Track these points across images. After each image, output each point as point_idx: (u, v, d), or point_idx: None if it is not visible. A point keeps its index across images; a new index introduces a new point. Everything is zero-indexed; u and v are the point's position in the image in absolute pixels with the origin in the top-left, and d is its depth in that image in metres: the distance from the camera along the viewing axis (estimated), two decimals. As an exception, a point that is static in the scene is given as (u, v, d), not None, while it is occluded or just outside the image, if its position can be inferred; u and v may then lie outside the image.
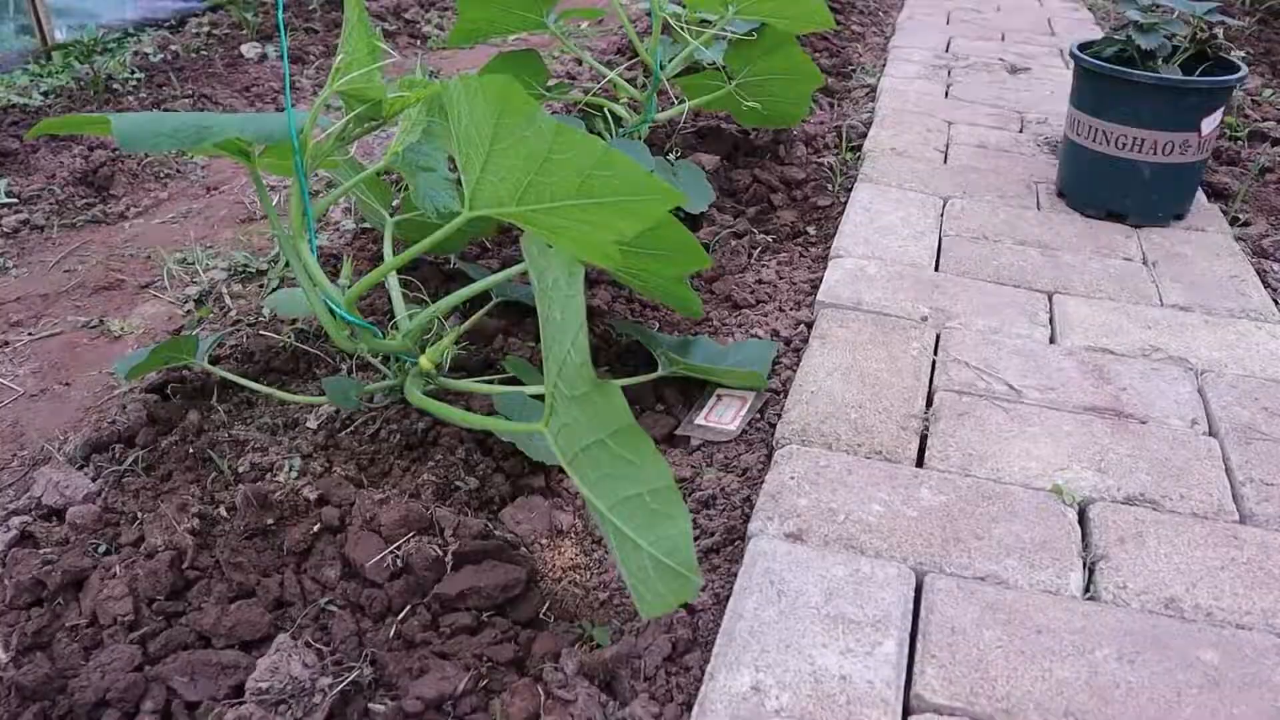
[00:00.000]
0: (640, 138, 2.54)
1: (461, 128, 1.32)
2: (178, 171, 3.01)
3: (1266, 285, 2.16)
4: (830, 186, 2.55)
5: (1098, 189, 2.34)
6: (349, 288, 1.51)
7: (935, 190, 2.48)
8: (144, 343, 2.16)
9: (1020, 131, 2.95)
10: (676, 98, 2.99)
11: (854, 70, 3.68)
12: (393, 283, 1.67)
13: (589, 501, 1.15)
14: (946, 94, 3.25)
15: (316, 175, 2.76)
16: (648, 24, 3.17)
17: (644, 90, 2.45)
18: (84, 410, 1.96)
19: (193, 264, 2.47)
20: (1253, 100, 3.42)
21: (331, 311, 1.52)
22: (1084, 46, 2.40)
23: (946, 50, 3.80)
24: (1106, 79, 2.22)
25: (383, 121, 1.44)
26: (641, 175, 1.24)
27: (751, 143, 2.83)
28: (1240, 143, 3.04)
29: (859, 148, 2.82)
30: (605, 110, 2.51)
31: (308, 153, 1.40)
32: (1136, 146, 2.24)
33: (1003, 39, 4.09)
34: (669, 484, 1.02)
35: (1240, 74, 2.21)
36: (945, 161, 2.66)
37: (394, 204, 2.16)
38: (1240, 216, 2.50)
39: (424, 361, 1.53)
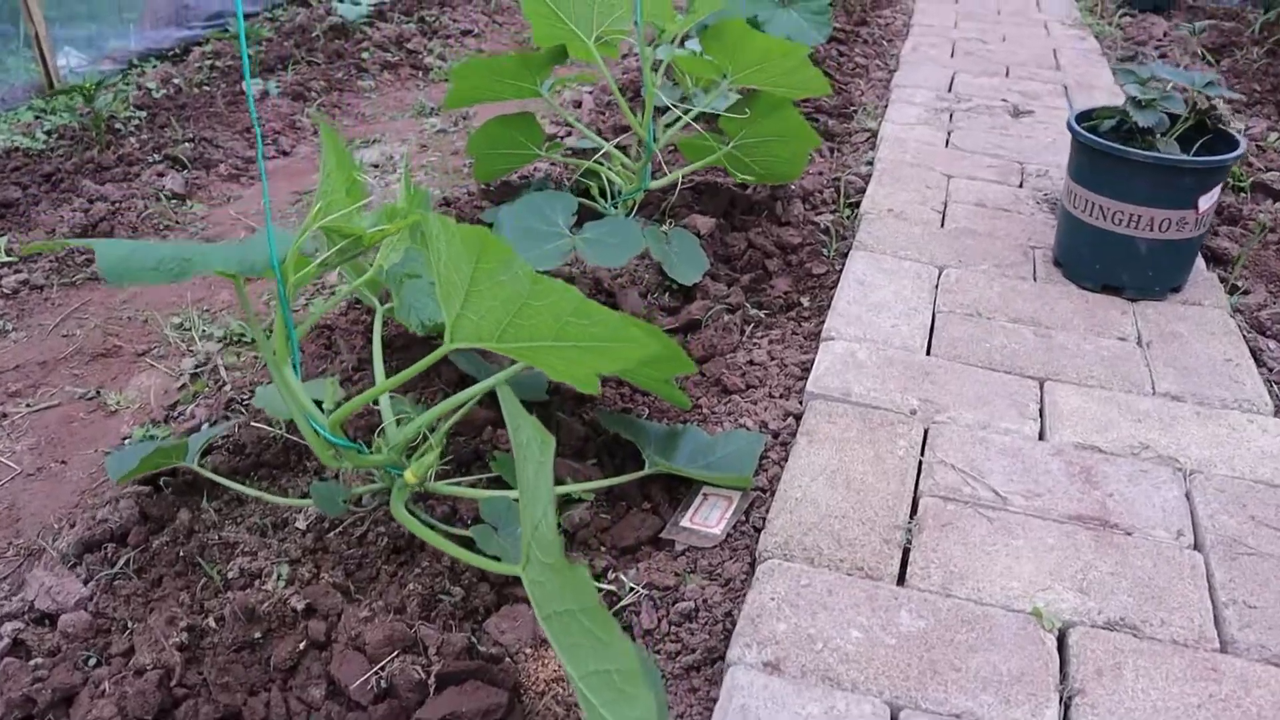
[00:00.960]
0: (635, 204, 2.54)
1: (441, 262, 1.32)
2: (177, 224, 3.02)
3: (1261, 365, 2.15)
4: (826, 252, 2.55)
5: (1094, 262, 2.33)
6: (335, 409, 1.51)
7: (931, 258, 2.47)
8: (139, 419, 2.18)
9: (1020, 186, 2.93)
10: (671, 159, 2.98)
11: (855, 111, 3.66)
12: (381, 397, 1.67)
13: (561, 660, 1.16)
14: (947, 142, 3.23)
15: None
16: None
17: (638, 160, 2.45)
18: (79, 494, 1.98)
19: (189, 329, 2.49)
20: (1258, 146, 3.39)
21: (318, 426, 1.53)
22: (1082, 117, 2.38)
23: (949, 89, 3.78)
24: (1103, 155, 2.21)
25: (365, 249, 1.45)
26: (618, 323, 1.25)
27: (749, 199, 2.83)
28: (1243, 195, 3.01)
29: (857, 204, 2.81)
30: (603, 175, 2.51)
31: (290, 281, 1.41)
32: (1133, 223, 2.23)
33: (1007, 74, 4.06)
34: (635, 667, 1.03)
35: (1238, 151, 2.19)
36: (943, 224, 2.65)
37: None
38: (1239, 284, 2.48)
39: (409, 476, 1.54)
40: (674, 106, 2.43)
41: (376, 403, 1.79)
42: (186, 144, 3.44)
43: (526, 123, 2.56)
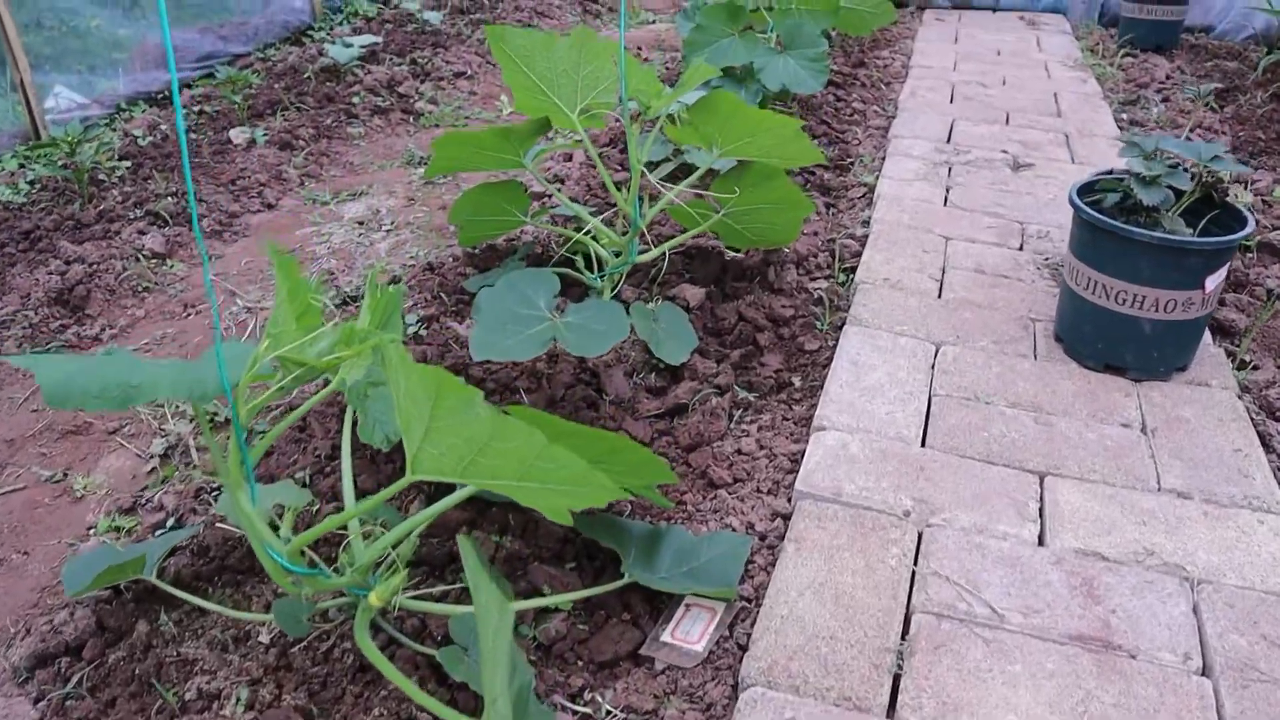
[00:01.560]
0: (620, 278, 2.46)
1: (401, 392, 1.24)
2: (156, 285, 2.95)
3: (1271, 452, 2.06)
4: (819, 325, 2.47)
5: (1096, 341, 2.24)
6: (293, 538, 1.44)
7: (928, 334, 2.39)
8: (105, 507, 2.10)
9: (1020, 248, 2.86)
10: (660, 219, 2.91)
11: (852, 163, 3.59)
12: (350, 521, 1.59)
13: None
14: (946, 200, 3.16)
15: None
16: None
17: (624, 234, 2.37)
18: (39, 591, 1.90)
19: (162, 405, 2.41)
20: (1264, 201, 3.31)
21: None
22: (1084, 189, 2.31)
23: (948, 140, 3.71)
24: (1106, 233, 2.13)
25: (323, 372, 1.37)
26: (583, 469, 1.17)
27: (741, 263, 2.75)
28: (1249, 256, 2.93)
29: (853, 269, 2.74)
30: (589, 247, 2.44)
31: (243, 406, 1.33)
32: (1137, 303, 2.15)
33: (1007, 121, 3.99)
34: None
35: (1246, 230, 2.11)
36: (940, 294, 2.57)
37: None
38: (1248, 359, 2.40)
39: (373, 599, 1.46)
40: (661, 188, 2.35)
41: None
42: (169, 198, 3.37)
43: (511, 190, 2.49)
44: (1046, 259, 2.79)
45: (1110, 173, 2.73)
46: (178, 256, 3.12)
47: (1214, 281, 2.12)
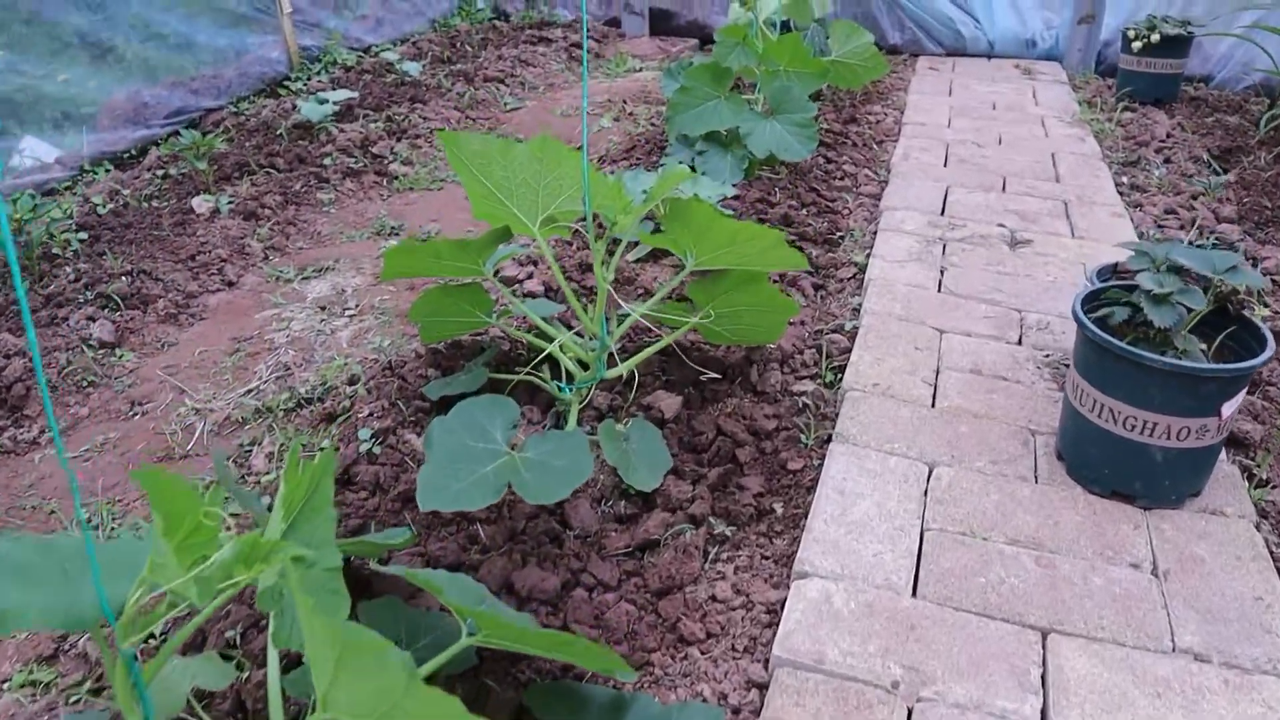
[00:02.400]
0: (586, 395, 2.29)
1: (304, 633, 1.07)
2: (102, 379, 2.78)
3: (1295, 595, 1.89)
4: (804, 439, 2.30)
5: (1102, 466, 2.07)
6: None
7: (920, 452, 2.22)
8: (24, 652, 1.91)
9: (1019, 342, 2.69)
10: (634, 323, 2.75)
11: (842, 238, 3.43)
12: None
13: None
14: (940, 285, 2.99)
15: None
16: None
17: (593, 351, 2.20)
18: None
19: (97, 535, 2.23)
20: (1273, 281, 3.15)
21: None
22: (1089, 299, 2.14)
23: (942, 212, 3.55)
24: (1113, 355, 1.96)
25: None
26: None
27: (722, 361, 2.58)
28: (1261, 348, 2.76)
29: (841, 368, 2.57)
30: (558, 359, 2.26)
31: (129, 636, 1.15)
32: (1147, 430, 1.98)
33: (1003, 187, 3.83)
34: None
35: (1267, 354, 1.94)
36: (934, 403, 2.40)
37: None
38: (1268, 477, 2.23)
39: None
40: (630, 308, 2.18)
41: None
42: (124, 278, 3.20)
43: (473, 292, 2.32)
44: (1047, 355, 2.63)
45: (1115, 268, 2.57)
46: (128, 345, 2.95)
47: (1231, 407, 1.95)
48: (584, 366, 2.24)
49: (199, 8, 4.85)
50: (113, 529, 2.24)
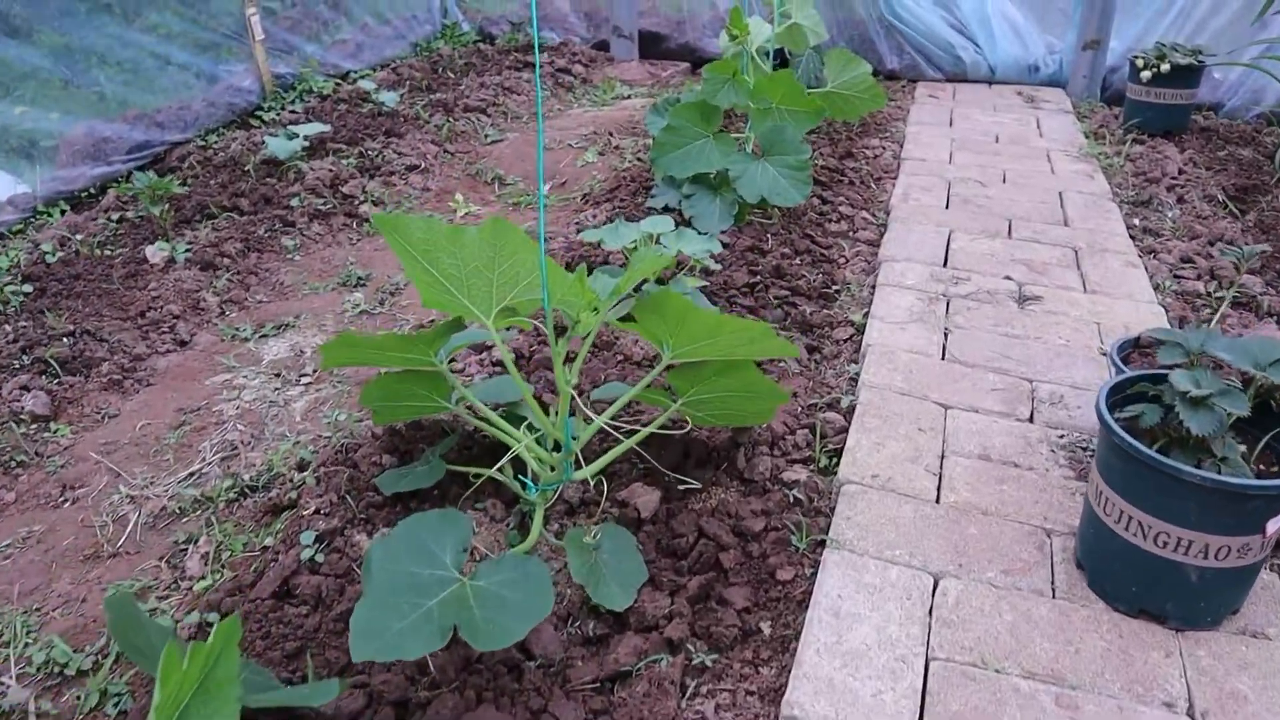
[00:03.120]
0: (551, 499, 2.06)
1: None
2: (34, 457, 2.55)
3: (1350, 738, 1.66)
4: (796, 542, 2.07)
5: (1129, 584, 1.85)
6: None
7: (924, 560, 1.99)
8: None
9: (1030, 419, 2.47)
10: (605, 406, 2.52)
11: (839, 292, 3.20)
12: None
13: None
14: (944, 351, 2.77)
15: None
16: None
17: (556, 453, 1.98)
18: None
19: (5, 646, 2.00)
20: (1302, 343, 2.92)
21: None
22: (1115, 392, 1.92)
23: (945, 263, 3.33)
24: (1144, 464, 1.74)
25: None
26: None
27: (706, 445, 2.36)
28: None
29: (837, 452, 2.34)
30: (521, 457, 2.03)
31: None
32: (1181, 549, 1.75)
33: (1009, 233, 3.61)
34: None
35: (1315, 464, 1.72)
36: (938, 498, 2.18)
37: None
38: (1306, 585, 2.00)
39: None
40: (600, 422, 1.95)
41: None
42: (65, 339, 2.97)
43: (430, 378, 2.09)
44: (1061, 436, 2.40)
45: (1138, 342, 2.35)
46: (65, 417, 2.72)
47: (1277, 524, 1.73)
48: (550, 469, 2.01)
49: (165, 35, 4.63)
50: (26, 645, 2.00)
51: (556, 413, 1.92)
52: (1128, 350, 2.34)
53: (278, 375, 2.88)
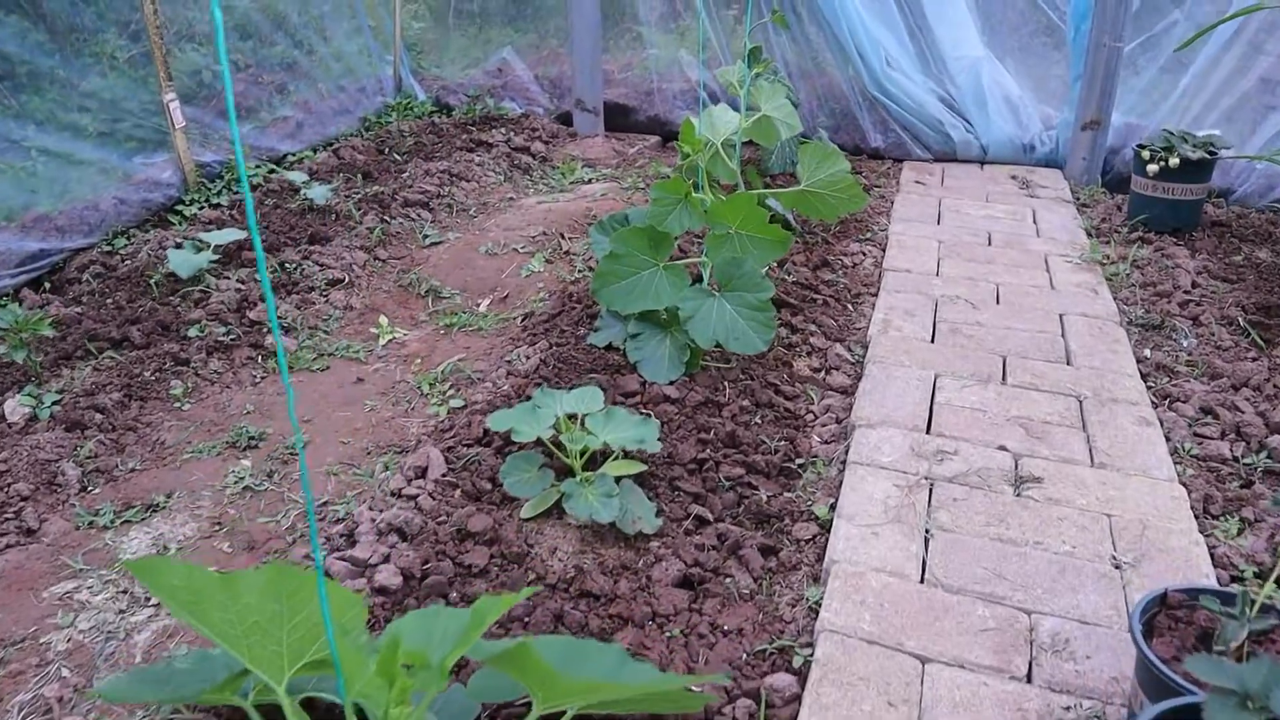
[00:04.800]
0: None
1: None
2: None
3: None
4: None
5: None
6: None
7: None
8: None
9: (1028, 679, 1.99)
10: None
11: (804, 466, 2.73)
12: None
13: None
14: (923, 570, 2.29)
15: None
16: None
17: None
18: None
19: None
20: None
21: None
22: (1156, 689, 1.44)
23: (929, 428, 2.86)
24: None
25: None
26: None
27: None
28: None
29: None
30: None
31: None
32: None
33: (1004, 376, 3.15)
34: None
35: None
36: (912, 826, 1.69)
37: None
38: None
39: None
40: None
41: None
42: (-120, 537, 2.49)
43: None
44: (1067, 709, 1.92)
45: (1164, 599, 1.89)
46: None
47: None
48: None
49: (69, 129, 4.18)
50: None
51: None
52: (1153, 610, 1.87)
53: (124, 593, 2.39)
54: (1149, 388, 3.14)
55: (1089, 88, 5.03)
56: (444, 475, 2.64)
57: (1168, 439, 2.86)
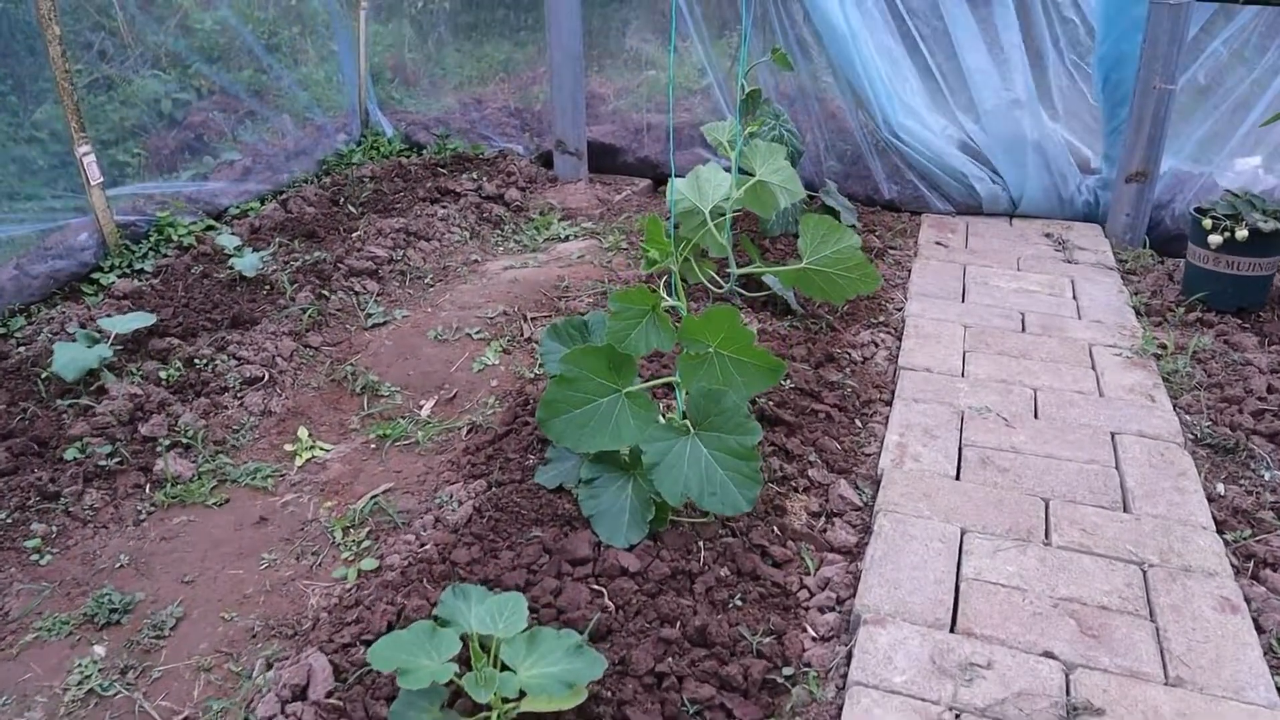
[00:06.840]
0: None
1: None
2: None
3: None
4: None
5: None
6: None
7: None
8: None
9: None
10: None
11: (792, 681, 2.14)
12: None
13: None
14: None
15: None
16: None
17: None
18: None
19: None
20: None
21: None
22: None
23: (954, 624, 2.25)
24: None
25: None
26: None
27: None
28: None
29: None
30: None
31: None
32: None
33: (1047, 533, 2.54)
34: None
35: None
36: None
37: None
38: None
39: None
40: None
41: None
42: None
43: None
44: None
45: None
46: None
47: None
48: None
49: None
50: None
51: None
52: None
53: None
54: (1228, 548, 2.53)
55: (1135, 134, 4.39)
56: (327, 696, 2.06)
57: (1260, 631, 2.25)
